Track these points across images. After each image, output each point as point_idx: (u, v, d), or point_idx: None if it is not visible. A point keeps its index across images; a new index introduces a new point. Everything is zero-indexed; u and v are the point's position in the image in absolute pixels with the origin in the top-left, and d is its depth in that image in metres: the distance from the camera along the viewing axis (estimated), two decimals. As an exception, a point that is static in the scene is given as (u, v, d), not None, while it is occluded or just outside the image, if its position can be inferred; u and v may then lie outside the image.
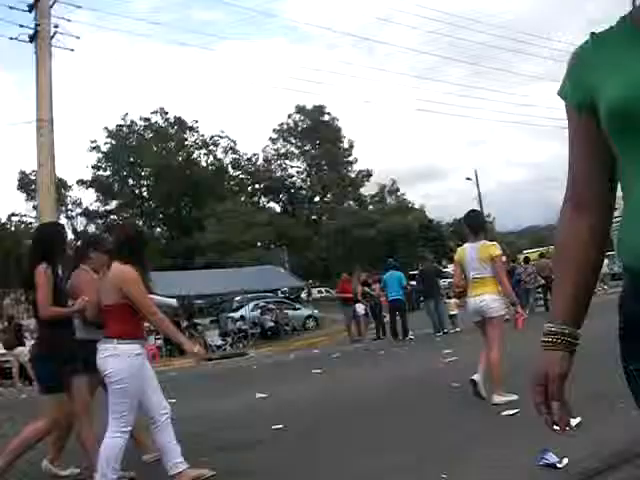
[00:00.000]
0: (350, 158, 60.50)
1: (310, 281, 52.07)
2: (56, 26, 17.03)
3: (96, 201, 55.84)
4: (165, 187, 53.25)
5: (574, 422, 5.08)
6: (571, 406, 1.59)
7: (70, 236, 53.63)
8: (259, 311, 26.23)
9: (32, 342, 18.17)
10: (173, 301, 7.88)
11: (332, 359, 14.20)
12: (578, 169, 1.56)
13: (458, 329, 16.83)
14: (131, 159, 55.21)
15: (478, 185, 49.22)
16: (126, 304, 4.62)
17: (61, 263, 5.45)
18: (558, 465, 4.24)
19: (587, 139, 1.52)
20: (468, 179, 51.28)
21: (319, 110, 58.82)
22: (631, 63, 1.39)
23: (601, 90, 1.43)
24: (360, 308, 18.85)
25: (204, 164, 58.68)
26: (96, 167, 55.48)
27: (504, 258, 9.12)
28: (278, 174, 60.63)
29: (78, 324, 5.38)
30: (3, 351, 18.38)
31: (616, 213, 1.55)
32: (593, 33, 1.53)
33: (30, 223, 48.68)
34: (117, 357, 4.52)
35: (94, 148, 55.11)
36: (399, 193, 61.40)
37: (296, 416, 7.30)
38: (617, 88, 1.39)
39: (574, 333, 1.56)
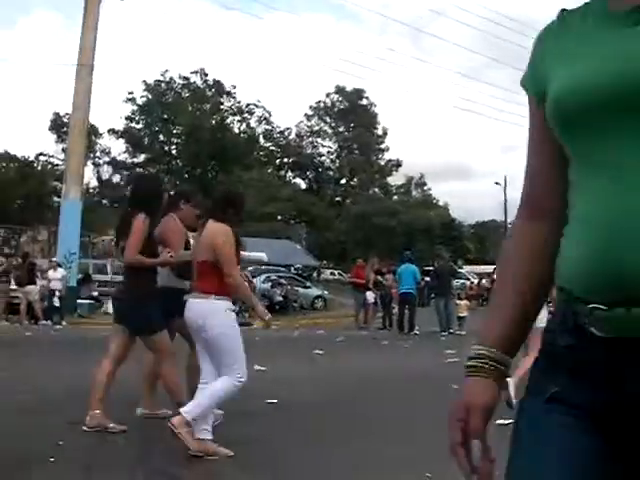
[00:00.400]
0: (382, 145, 60.31)
1: (324, 262, 52.13)
2: (109, -28, 17.02)
3: (125, 152, 56.11)
4: (195, 148, 53.29)
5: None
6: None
7: (94, 183, 54.10)
8: (270, 284, 26.28)
9: (43, 281, 18.55)
10: (263, 255, 8.00)
11: (336, 342, 14.22)
12: (535, 170, 1.31)
13: (464, 332, 16.79)
14: (165, 115, 55.28)
15: (505, 191, 48.85)
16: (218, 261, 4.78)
17: (158, 216, 5.63)
18: None
19: (546, 137, 1.24)
20: (497, 184, 50.95)
21: (358, 93, 58.55)
22: (589, 49, 1.14)
23: (551, 79, 1.19)
24: (370, 296, 18.89)
25: (236, 130, 58.65)
26: (129, 119, 55.65)
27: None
28: (308, 151, 60.56)
29: (162, 272, 5.63)
30: (14, 287, 18.59)
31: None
32: (563, 10, 1.26)
33: (57, 165, 49.00)
34: (216, 312, 4.71)
35: (130, 100, 55.27)
36: (425, 187, 61.20)
37: (292, 393, 7.31)
38: (563, 78, 1.15)
39: (504, 359, 1.25)
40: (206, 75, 57.45)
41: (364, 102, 59.25)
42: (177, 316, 5.11)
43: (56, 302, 18.38)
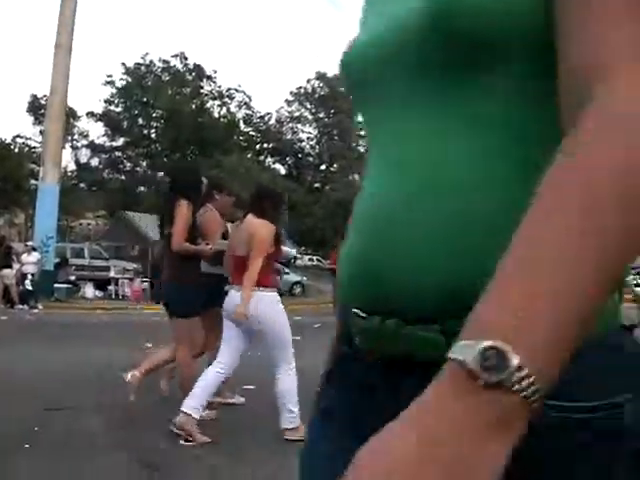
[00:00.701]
0: (362, 132, 60.27)
1: (303, 248, 52.10)
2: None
3: (103, 135, 55.63)
4: (174, 132, 52.93)
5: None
6: None
7: (72, 167, 53.67)
8: (248, 270, 26.24)
9: (19, 265, 18.44)
10: (293, 252, 8.29)
11: (313, 328, 14.25)
12: None
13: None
14: (144, 99, 54.82)
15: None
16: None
17: (198, 204, 5.78)
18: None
19: None
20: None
21: (339, 79, 58.40)
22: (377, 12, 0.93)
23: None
24: (348, 282, 18.93)
25: (216, 115, 58.36)
26: (108, 102, 55.10)
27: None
28: (288, 137, 60.44)
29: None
30: (-10, 271, 18.49)
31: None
32: None
33: (34, 147, 48.51)
34: (264, 304, 4.93)
35: (109, 82, 54.73)
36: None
37: (268, 379, 7.33)
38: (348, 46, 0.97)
39: None
40: (186, 59, 57.05)
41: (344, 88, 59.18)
42: (218, 303, 5.33)
43: (28, 285, 18.32)
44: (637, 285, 8.53)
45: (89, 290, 22.90)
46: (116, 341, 10.59)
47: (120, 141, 55.80)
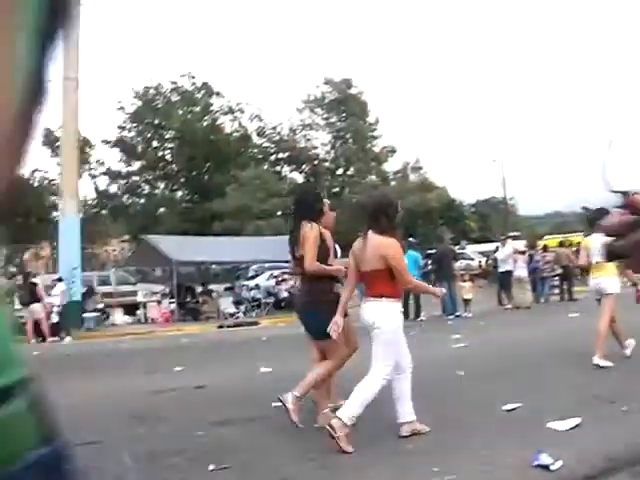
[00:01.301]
0: (375, 133, 60.12)
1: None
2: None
3: (119, 161, 55.98)
4: (188, 151, 53.18)
5: (573, 423, 5.07)
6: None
7: (92, 195, 54.09)
8: (274, 281, 26.25)
9: (49, 298, 18.61)
10: None
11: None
12: None
13: (470, 315, 16.79)
14: (156, 121, 55.15)
15: (503, 168, 48.84)
16: (387, 269, 5.32)
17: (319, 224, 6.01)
18: (551, 467, 4.22)
19: None
20: (494, 161, 50.95)
21: (347, 83, 58.37)
22: None
23: None
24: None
25: (228, 130, 58.52)
26: (121, 127, 55.49)
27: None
28: (302, 144, 60.43)
29: None
30: (19, 307, 18.65)
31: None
32: None
33: (53, 180, 48.91)
34: (387, 313, 5.33)
35: (120, 108, 55.10)
36: (422, 171, 61.00)
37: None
38: None
39: None
40: (194, 77, 57.35)
41: (353, 91, 59.06)
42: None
43: (54, 318, 18.51)
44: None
45: (118, 316, 23.02)
46: (147, 367, 10.63)
47: (136, 165, 56.15)
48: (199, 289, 25.00)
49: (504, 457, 4.61)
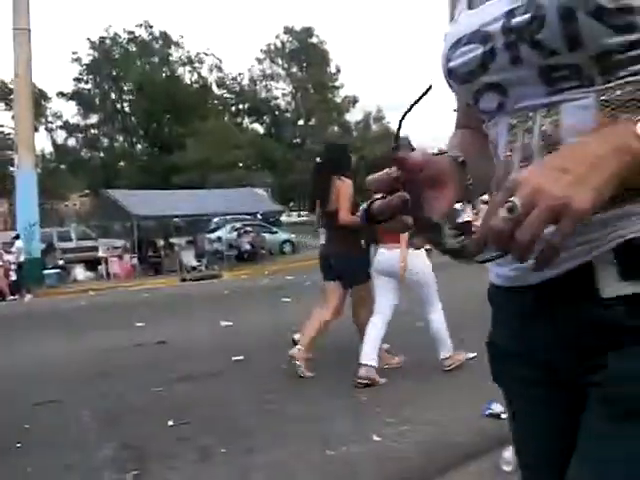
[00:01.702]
0: (337, 83, 59.74)
1: (292, 204, 52.10)
2: None
3: (77, 114, 54.99)
4: (147, 103, 52.37)
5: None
6: None
7: (50, 149, 53.17)
8: (236, 233, 26.21)
9: (8, 254, 18.32)
10: None
11: (303, 286, 14.29)
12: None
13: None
14: (113, 73, 54.13)
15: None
16: None
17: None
18: (502, 416, 4.34)
19: None
20: (454, 110, 50.79)
21: (307, 32, 57.72)
22: None
23: None
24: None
25: (188, 81, 57.69)
26: (77, 79, 54.40)
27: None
28: (263, 95, 59.85)
29: None
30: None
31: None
32: None
33: (9, 133, 47.88)
34: (416, 258, 5.67)
35: (76, 60, 53.96)
36: (384, 121, 60.90)
37: (257, 348, 7.38)
38: None
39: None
40: (151, 27, 56.19)
41: (314, 40, 58.45)
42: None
43: (13, 276, 18.37)
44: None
45: (79, 272, 22.84)
46: (108, 323, 10.63)
47: (94, 118, 55.22)
48: (161, 243, 24.90)
49: (457, 407, 4.74)
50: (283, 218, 39.94)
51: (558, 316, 1.01)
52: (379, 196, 0.98)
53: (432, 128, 45.84)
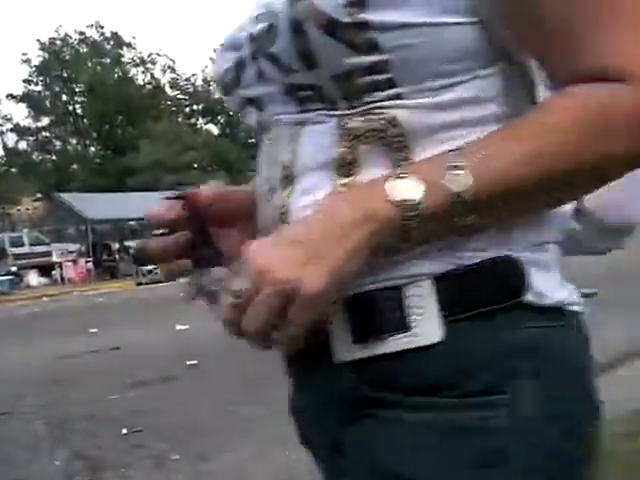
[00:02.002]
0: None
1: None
2: None
3: (27, 117, 54.10)
4: (99, 105, 51.73)
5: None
6: None
7: (1, 153, 52.23)
8: (193, 236, 26.01)
9: None
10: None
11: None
12: None
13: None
14: (64, 74, 53.38)
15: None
16: None
17: None
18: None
19: None
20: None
21: (260, 30, 57.71)
22: None
23: None
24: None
25: (140, 82, 57.14)
26: (27, 81, 53.52)
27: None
28: (217, 95, 59.56)
29: None
30: None
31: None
32: None
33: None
34: None
35: (25, 61, 53.08)
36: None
37: (212, 352, 7.33)
38: None
39: None
40: (102, 28, 55.52)
41: (267, 39, 58.40)
42: None
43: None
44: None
45: (33, 278, 22.52)
46: (61, 330, 10.50)
47: (45, 121, 54.40)
48: (116, 246, 24.66)
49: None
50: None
51: (318, 382, 0.86)
52: (158, 232, 0.91)
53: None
